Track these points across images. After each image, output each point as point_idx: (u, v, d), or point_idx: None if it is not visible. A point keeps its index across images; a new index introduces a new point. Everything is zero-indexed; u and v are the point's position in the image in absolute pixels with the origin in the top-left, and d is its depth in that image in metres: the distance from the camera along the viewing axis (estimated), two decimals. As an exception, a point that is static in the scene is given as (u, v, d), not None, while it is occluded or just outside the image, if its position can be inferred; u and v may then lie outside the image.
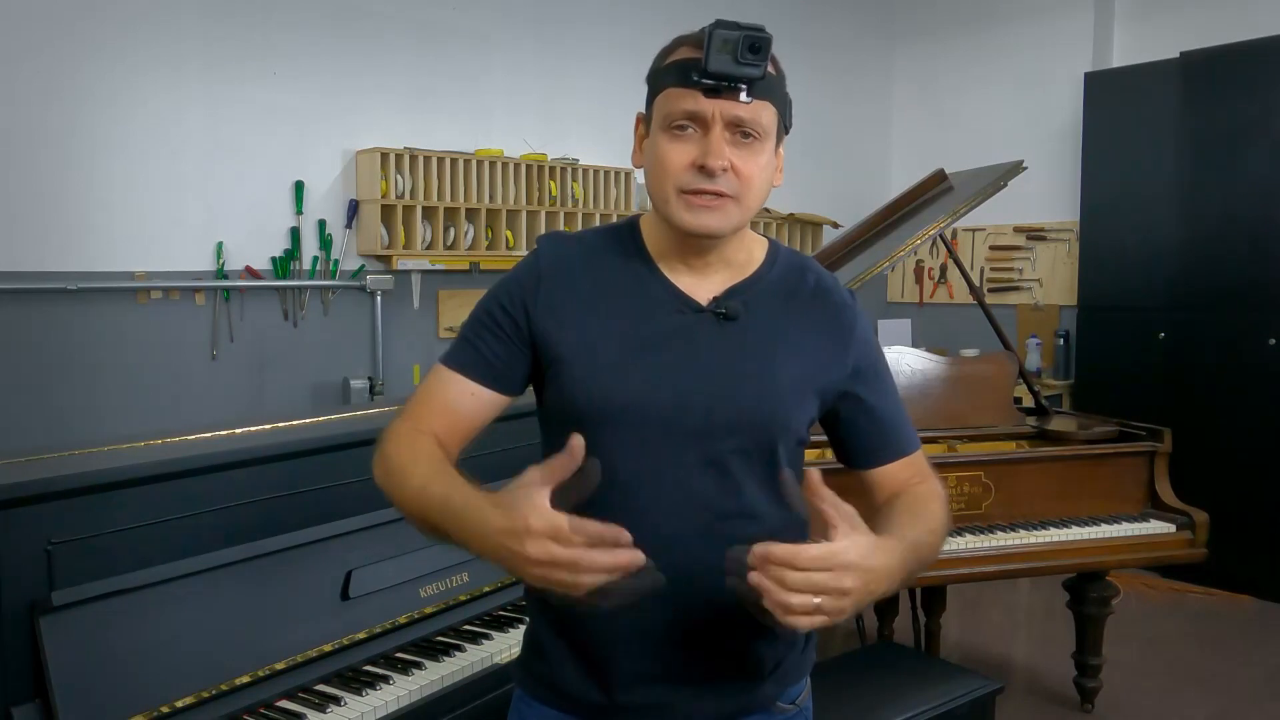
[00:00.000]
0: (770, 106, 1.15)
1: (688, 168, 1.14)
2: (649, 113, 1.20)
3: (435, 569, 2.03)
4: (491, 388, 1.22)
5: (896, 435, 1.31)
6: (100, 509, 1.65)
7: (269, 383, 3.91)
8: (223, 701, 1.65)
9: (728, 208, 1.15)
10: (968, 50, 5.77)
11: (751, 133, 1.14)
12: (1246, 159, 4.37)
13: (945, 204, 3.31)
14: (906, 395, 3.07)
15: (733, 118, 1.12)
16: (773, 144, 1.18)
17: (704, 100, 1.12)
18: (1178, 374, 4.61)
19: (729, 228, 1.17)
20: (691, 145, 1.14)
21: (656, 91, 1.18)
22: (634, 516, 1.15)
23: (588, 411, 1.18)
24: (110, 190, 3.51)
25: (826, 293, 1.28)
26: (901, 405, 1.33)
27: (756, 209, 1.20)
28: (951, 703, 2.35)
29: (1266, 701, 3.39)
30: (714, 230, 1.17)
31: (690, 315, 1.21)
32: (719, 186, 1.14)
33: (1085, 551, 2.86)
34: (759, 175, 1.16)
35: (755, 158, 1.15)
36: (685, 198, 1.15)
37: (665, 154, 1.15)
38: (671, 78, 1.15)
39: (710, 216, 1.15)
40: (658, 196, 1.18)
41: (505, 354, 1.22)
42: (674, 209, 1.16)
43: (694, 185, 1.14)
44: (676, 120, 1.14)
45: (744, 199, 1.16)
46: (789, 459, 1.24)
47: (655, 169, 1.17)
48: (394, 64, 4.16)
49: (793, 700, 1.30)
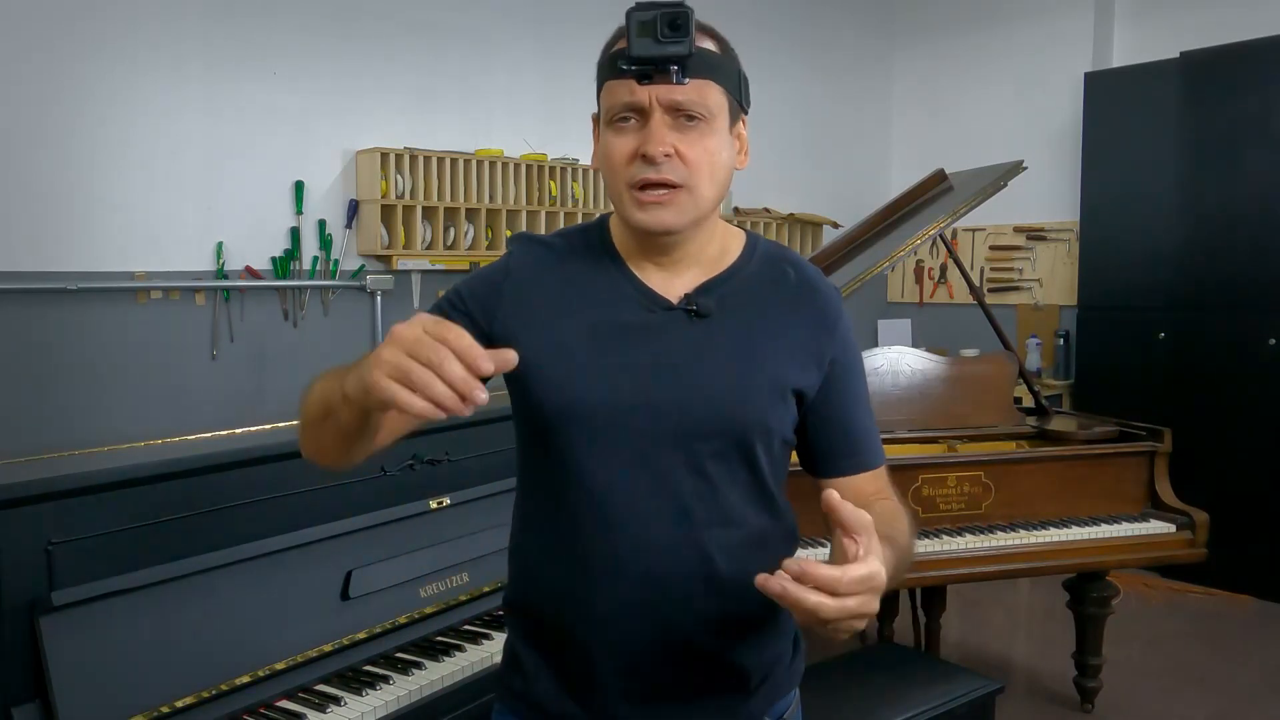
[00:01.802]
0: (714, 85, 1.10)
1: (631, 159, 1.10)
2: (599, 110, 1.16)
3: (435, 569, 2.03)
4: None
5: (865, 445, 1.24)
6: (100, 509, 1.65)
7: (269, 383, 3.91)
8: (223, 701, 1.65)
9: (679, 199, 1.10)
10: (967, 50, 5.77)
11: (695, 114, 1.09)
12: (1247, 159, 4.36)
13: (945, 204, 3.31)
14: (907, 395, 3.08)
15: (670, 102, 1.08)
16: (723, 124, 1.12)
17: (638, 88, 1.07)
18: (1178, 374, 4.61)
19: (685, 221, 1.12)
20: (633, 136, 1.09)
21: (600, 87, 1.14)
22: (608, 523, 1.13)
23: (557, 414, 1.13)
24: (110, 190, 3.51)
25: (809, 286, 1.22)
26: (872, 416, 1.26)
27: (715, 196, 1.14)
28: (952, 703, 2.35)
29: (1266, 701, 3.39)
30: (669, 225, 1.12)
31: (660, 314, 1.15)
32: (664, 175, 1.09)
33: (1085, 551, 2.86)
34: (708, 159, 1.10)
35: (702, 140, 1.10)
36: (635, 194, 1.10)
37: (610, 149, 1.11)
38: (607, 71, 1.12)
39: (663, 212, 1.10)
40: (613, 196, 1.15)
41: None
42: (627, 207, 1.12)
43: (640, 177, 1.09)
44: (618, 113, 1.10)
45: (696, 187, 1.10)
46: (771, 461, 1.18)
47: (604, 167, 1.13)
48: (394, 64, 4.16)
49: (780, 715, 1.25)
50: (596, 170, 1.24)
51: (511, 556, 1.26)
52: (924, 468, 2.82)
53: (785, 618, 1.22)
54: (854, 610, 0.92)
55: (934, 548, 2.72)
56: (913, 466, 2.80)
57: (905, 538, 1.15)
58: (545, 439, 1.16)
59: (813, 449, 1.24)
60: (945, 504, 2.84)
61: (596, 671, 1.16)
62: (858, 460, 1.23)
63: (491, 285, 1.20)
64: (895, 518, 1.17)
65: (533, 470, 1.21)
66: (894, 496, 1.24)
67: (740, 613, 1.15)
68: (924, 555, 2.70)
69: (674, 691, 1.17)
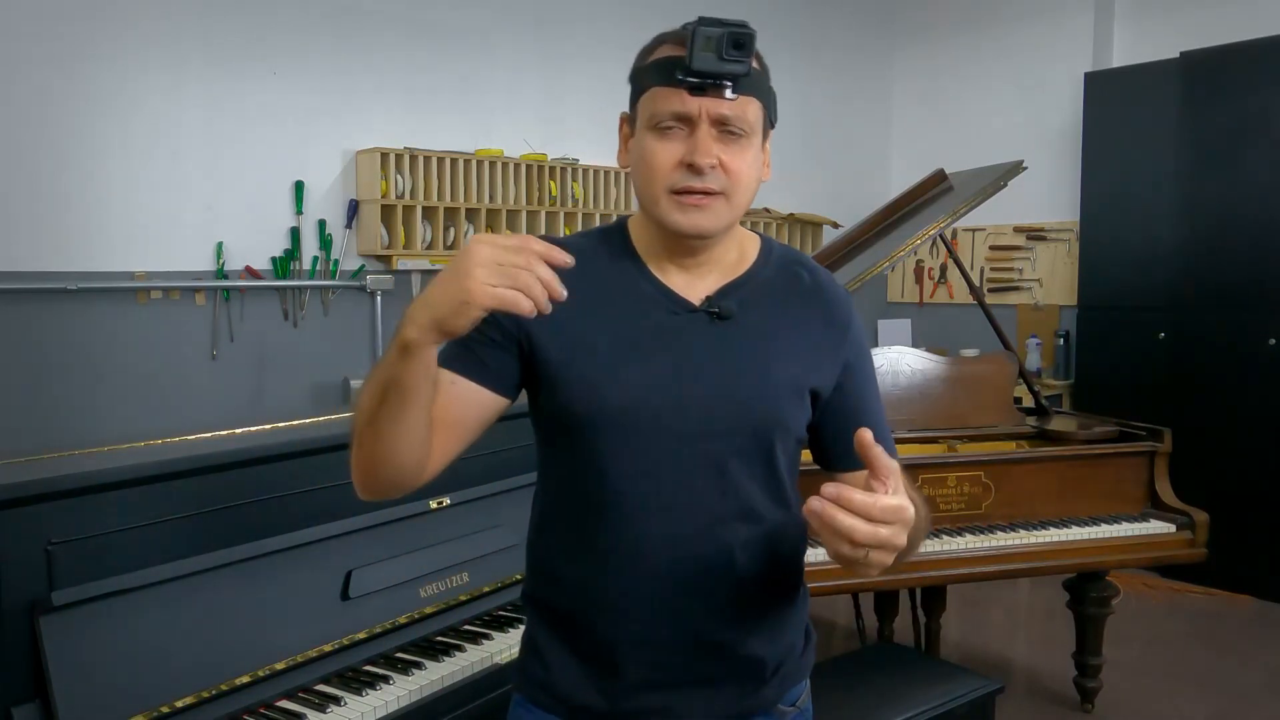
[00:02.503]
0: (755, 102, 1.14)
1: (676, 167, 1.13)
2: (633, 112, 1.19)
3: (435, 569, 2.03)
4: (476, 380, 1.16)
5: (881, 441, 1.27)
6: (100, 509, 1.65)
7: (269, 383, 3.91)
8: (223, 701, 1.65)
9: (717, 206, 1.14)
10: (967, 50, 5.77)
11: (738, 129, 1.13)
12: (1246, 159, 4.36)
13: (945, 204, 3.31)
14: (907, 395, 3.08)
15: (718, 115, 1.11)
16: (759, 139, 1.17)
17: (689, 99, 1.11)
18: (1178, 374, 4.61)
19: (720, 226, 1.17)
20: (678, 144, 1.13)
21: (640, 91, 1.16)
22: (632, 520, 1.17)
23: (583, 416, 1.17)
24: (110, 190, 3.51)
25: (822, 289, 1.27)
26: (883, 412, 1.32)
27: (746, 206, 1.19)
28: (951, 703, 2.35)
29: (1266, 701, 3.39)
30: (706, 230, 1.16)
31: (683, 316, 1.19)
32: (708, 184, 1.13)
33: (1085, 551, 2.86)
34: (747, 171, 1.15)
35: (742, 154, 1.14)
36: (675, 198, 1.14)
37: (653, 154, 1.14)
38: (655, 77, 1.14)
39: (701, 216, 1.14)
40: (646, 198, 1.17)
41: (490, 355, 1.17)
42: (664, 210, 1.15)
43: (683, 184, 1.13)
44: (663, 120, 1.13)
45: (733, 196, 1.15)
46: (787, 458, 1.23)
47: (643, 170, 1.16)
48: (394, 64, 4.16)
49: (793, 702, 1.29)
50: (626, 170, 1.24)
51: (530, 550, 1.29)
52: (924, 468, 2.82)
53: (798, 610, 1.28)
54: (885, 538, 0.96)
55: (934, 547, 2.72)
56: (913, 466, 2.80)
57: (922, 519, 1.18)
58: (570, 438, 1.19)
59: (827, 446, 1.28)
60: (945, 504, 2.84)
61: (618, 662, 1.19)
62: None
63: None
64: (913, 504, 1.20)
65: (554, 467, 1.24)
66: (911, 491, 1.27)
67: (757, 604, 1.19)
68: (924, 555, 2.69)
69: (693, 680, 1.20)
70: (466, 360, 1.17)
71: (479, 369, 1.17)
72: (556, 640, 1.23)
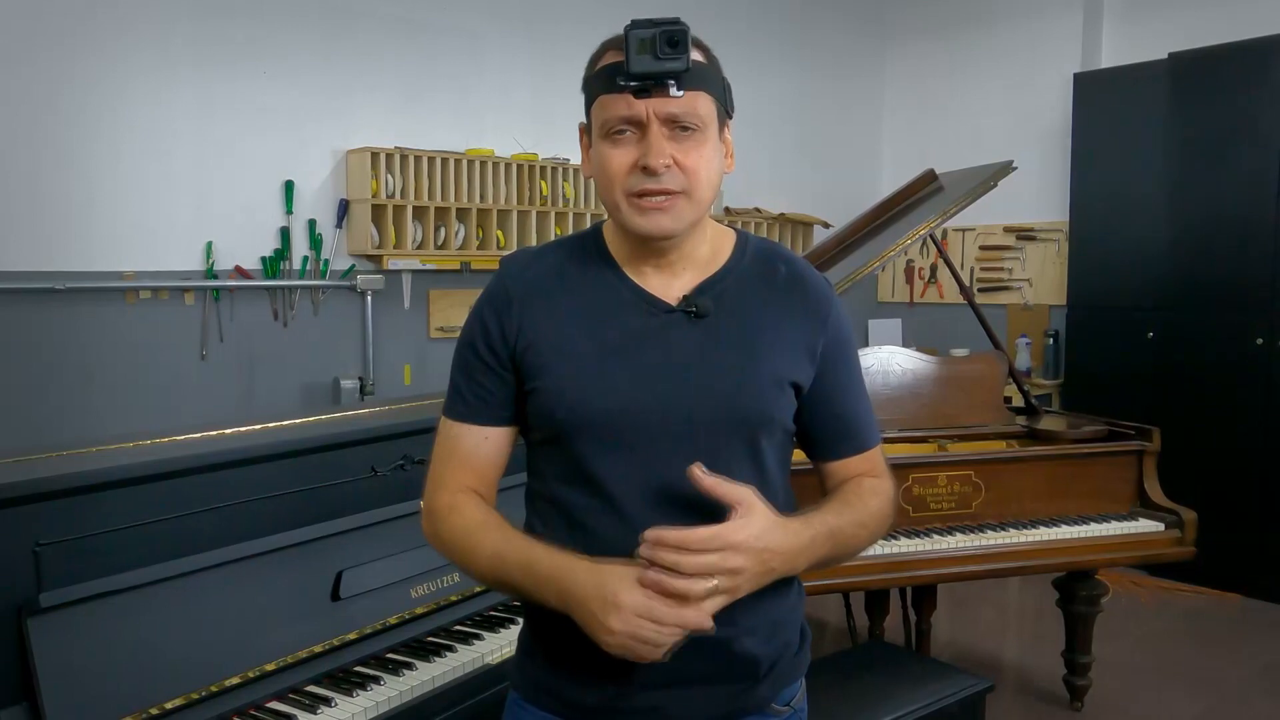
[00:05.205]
0: (704, 95, 1.15)
1: (631, 171, 1.14)
2: (589, 121, 1.20)
3: (426, 569, 2.03)
4: (500, 424, 1.25)
5: (858, 429, 1.31)
6: (89, 510, 1.64)
7: (259, 383, 3.90)
8: (212, 703, 1.64)
9: (678, 205, 1.15)
10: (958, 51, 5.79)
11: (690, 124, 1.14)
12: (1234, 159, 4.39)
13: (935, 204, 3.31)
14: (897, 395, 3.09)
15: (667, 114, 1.13)
16: (714, 131, 1.17)
17: (635, 102, 1.12)
18: (1166, 373, 4.63)
19: (684, 225, 1.17)
20: (632, 148, 1.14)
21: (591, 100, 1.18)
22: (623, 520, 1.17)
23: (569, 422, 1.19)
24: (99, 190, 3.49)
25: (800, 280, 1.27)
26: (866, 399, 1.33)
27: (709, 200, 1.19)
28: (942, 701, 2.35)
29: (1255, 699, 3.41)
30: (669, 230, 1.17)
31: (661, 316, 1.21)
32: (665, 185, 1.14)
33: (1074, 550, 2.87)
34: (704, 166, 1.16)
35: (698, 149, 1.15)
36: (635, 201, 1.15)
37: (608, 161, 1.15)
38: (601, 85, 1.15)
39: (663, 217, 1.15)
40: (609, 204, 1.19)
41: (498, 387, 1.23)
42: (626, 215, 1.16)
43: (639, 187, 1.14)
44: (614, 126, 1.14)
45: (694, 193, 1.16)
46: (775, 452, 1.24)
47: (601, 178, 1.18)
48: (385, 63, 4.15)
49: (788, 702, 1.30)
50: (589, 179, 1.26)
51: None
52: (914, 467, 2.83)
53: (793, 607, 1.30)
54: (715, 564, 1.05)
55: (924, 547, 2.73)
56: (903, 466, 2.81)
57: (866, 512, 1.25)
58: (558, 444, 1.21)
59: (810, 435, 1.31)
60: (935, 503, 2.85)
61: (614, 660, 1.19)
62: (852, 444, 1.30)
63: (498, 312, 1.24)
64: (866, 494, 1.27)
65: (544, 471, 1.26)
66: (884, 474, 1.32)
67: (750, 602, 1.20)
68: (914, 554, 2.70)
69: (688, 678, 1.21)
70: (480, 410, 1.24)
71: (495, 412, 1.24)
72: (552, 639, 1.24)
